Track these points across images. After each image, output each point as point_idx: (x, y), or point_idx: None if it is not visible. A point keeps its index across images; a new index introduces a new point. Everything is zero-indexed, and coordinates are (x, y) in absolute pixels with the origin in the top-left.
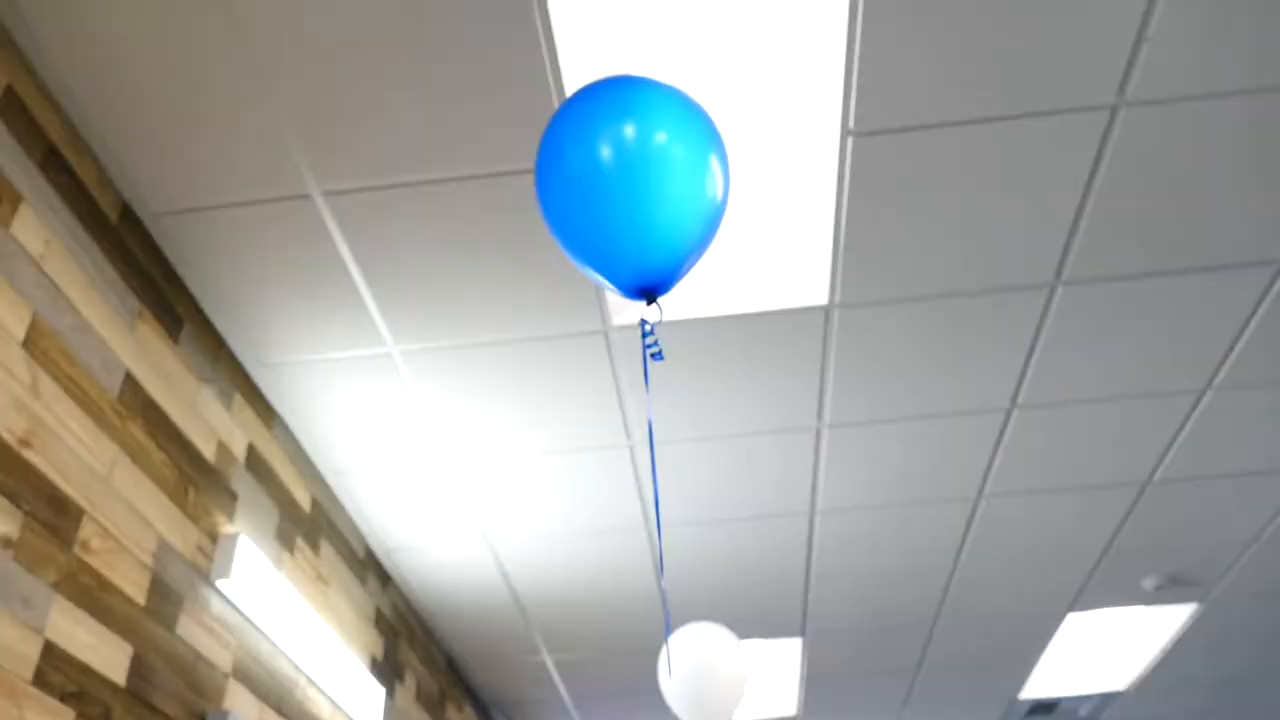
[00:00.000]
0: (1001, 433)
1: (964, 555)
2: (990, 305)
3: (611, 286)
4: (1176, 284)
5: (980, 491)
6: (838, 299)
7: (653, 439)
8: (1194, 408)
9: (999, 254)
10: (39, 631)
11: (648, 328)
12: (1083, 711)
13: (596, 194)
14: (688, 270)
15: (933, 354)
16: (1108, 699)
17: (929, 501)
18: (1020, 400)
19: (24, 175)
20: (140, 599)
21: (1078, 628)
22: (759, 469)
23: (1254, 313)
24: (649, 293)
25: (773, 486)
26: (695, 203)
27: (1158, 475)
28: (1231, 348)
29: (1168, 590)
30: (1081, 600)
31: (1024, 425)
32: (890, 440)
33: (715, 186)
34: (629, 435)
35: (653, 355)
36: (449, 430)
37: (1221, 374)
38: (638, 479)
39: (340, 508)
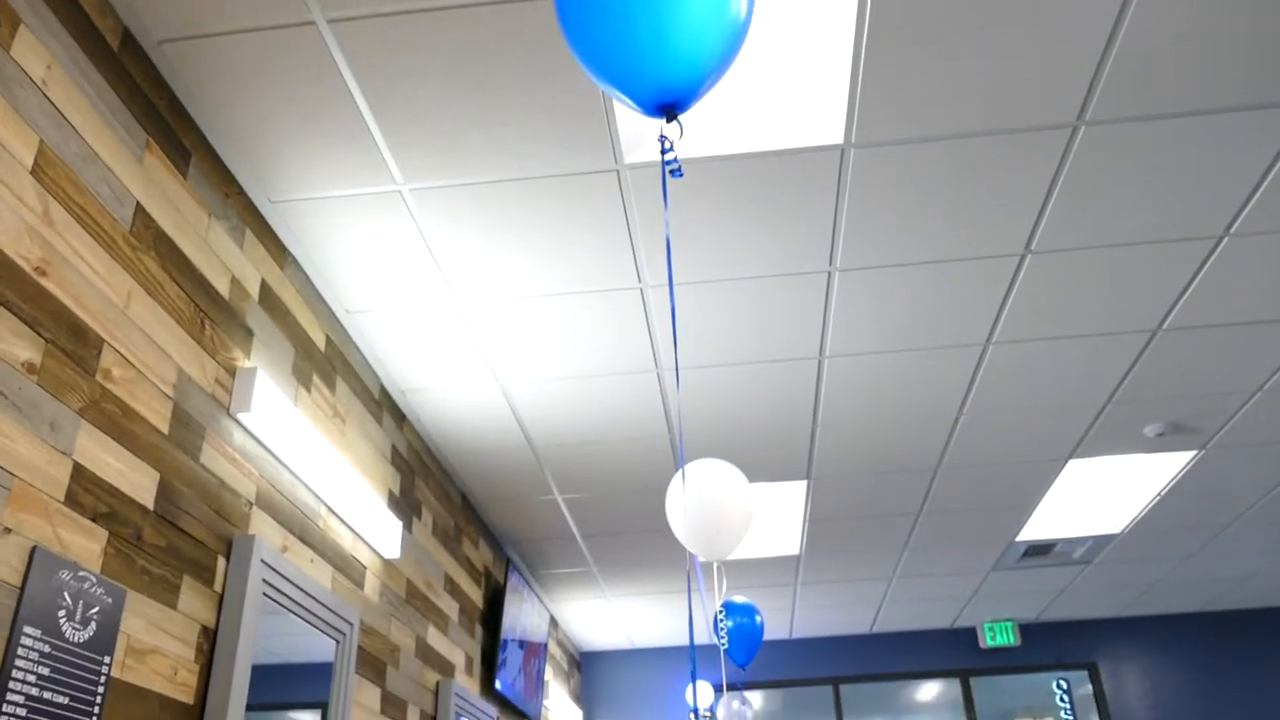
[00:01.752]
0: (1014, 278)
1: (970, 402)
2: (1010, 146)
3: (632, 103)
4: (1202, 125)
5: (989, 338)
6: (853, 138)
7: (669, 254)
8: (1210, 254)
9: (1022, 92)
10: (67, 454)
11: (667, 144)
12: (1077, 553)
13: (617, 7)
14: (709, 88)
15: (948, 197)
16: (1102, 541)
17: (938, 347)
18: (1034, 245)
19: None
20: (163, 427)
21: (1078, 474)
22: (769, 313)
23: (1279, 156)
24: (669, 109)
25: (782, 330)
26: (718, 18)
27: (1168, 323)
28: (1252, 193)
29: (1169, 438)
30: (1084, 447)
31: (1037, 271)
32: (902, 285)
33: (739, 1)
34: (640, 278)
35: (672, 172)
36: (460, 271)
37: (1240, 220)
38: (649, 322)
39: (354, 347)
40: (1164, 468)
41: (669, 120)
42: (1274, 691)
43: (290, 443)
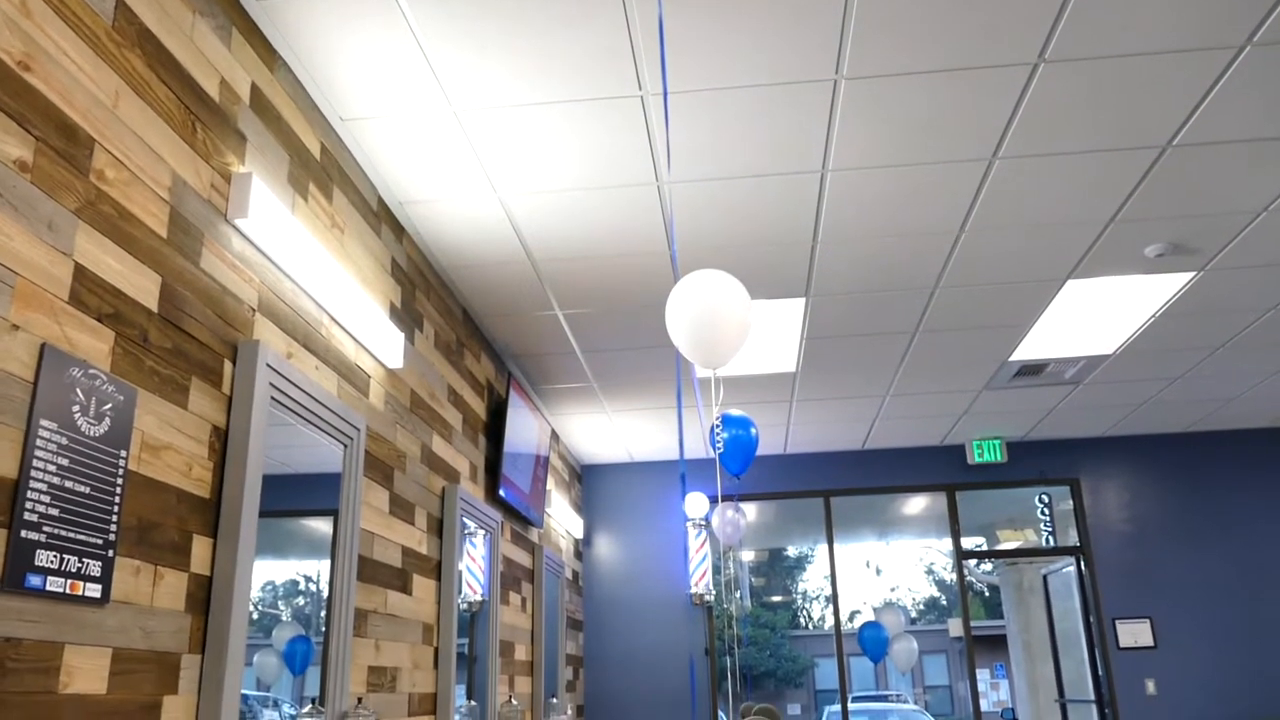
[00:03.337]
0: (1025, 89)
1: (973, 218)
2: None
3: None
4: None
5: (995, 152)
6: None
7: (661, 30)
8: (1229, 65)
9: None
10: (67, 255)
11: None
12: (1069, 373)
13: None
14: None
15: None
16: (1094, 362)
17: (943, 162)
18: (1048, 54)
19: None
20: (162, 231)
21: (1076, 294)
22: (772, 123)
23: None
24: None
25: (785, 142)
26: None
27: (1178, 139)
28: None
29: (1168, 258)
30: (1083, 267)
31: (1049, 81)
32: (910, 95)
33: None
34: (641, 85)
35: None
36: (456, 77)
37: (1264, 28)
38: (649, 132)
39: (350, 157)
40: (1161, 289)
41: None
42: (1245, 508)
43: (290, 250)
